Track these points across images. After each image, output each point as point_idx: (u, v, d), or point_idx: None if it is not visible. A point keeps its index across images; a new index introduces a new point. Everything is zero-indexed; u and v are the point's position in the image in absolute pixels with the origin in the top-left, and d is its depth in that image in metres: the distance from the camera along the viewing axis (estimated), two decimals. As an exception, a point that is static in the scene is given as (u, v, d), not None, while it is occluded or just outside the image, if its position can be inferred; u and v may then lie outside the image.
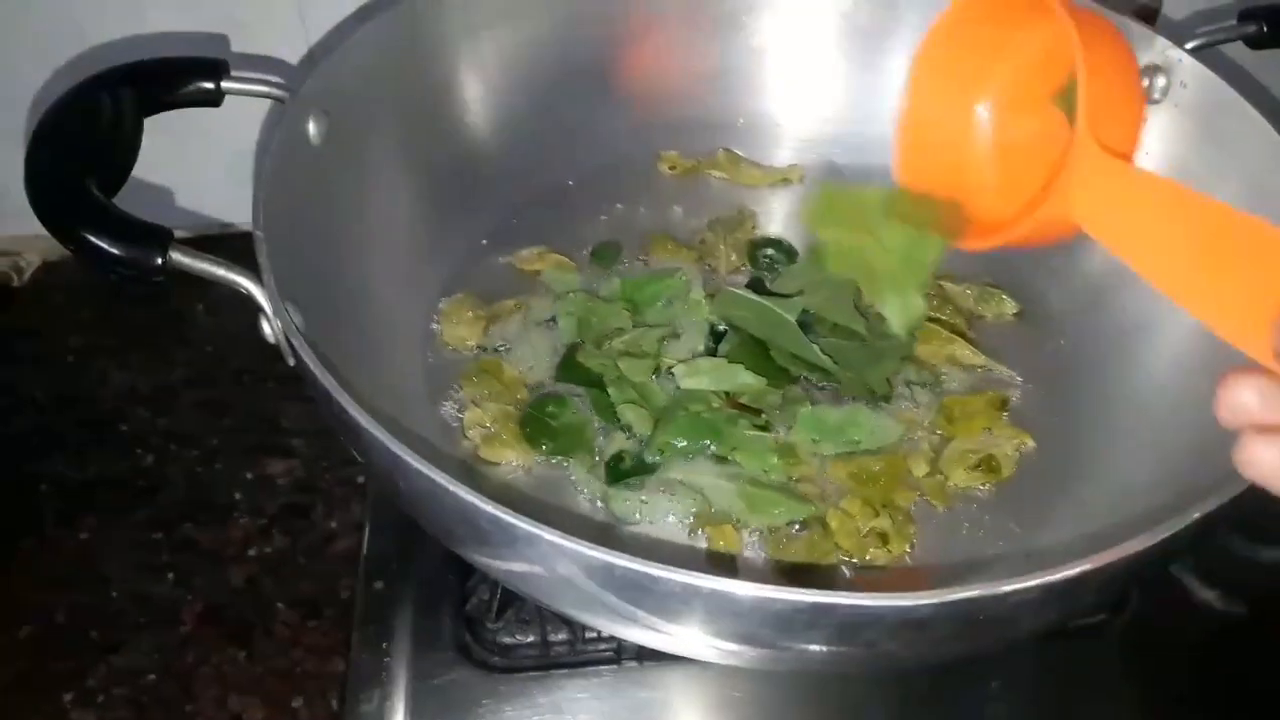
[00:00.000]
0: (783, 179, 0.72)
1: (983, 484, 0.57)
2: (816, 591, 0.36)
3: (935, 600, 0.36)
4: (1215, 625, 0.59)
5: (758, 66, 0.72)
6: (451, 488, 0.40)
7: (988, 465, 0.57)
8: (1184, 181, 0.57)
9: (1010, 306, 0.65)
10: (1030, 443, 0.59)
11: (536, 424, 0.59)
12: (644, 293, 0.65)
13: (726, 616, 0.40)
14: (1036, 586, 0.36)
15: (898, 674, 0.55)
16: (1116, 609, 0.58)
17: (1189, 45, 0.60)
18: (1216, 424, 0.34)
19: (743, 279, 0.67)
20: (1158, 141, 0.60)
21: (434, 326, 0.64)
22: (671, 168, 0.73)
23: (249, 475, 0.68)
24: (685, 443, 0.57)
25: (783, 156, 0.73)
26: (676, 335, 0.63)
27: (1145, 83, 0.60)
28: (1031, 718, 0.56)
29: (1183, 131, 0.60)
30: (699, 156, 0.73)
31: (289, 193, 0.52)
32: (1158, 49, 0.60)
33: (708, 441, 0.57)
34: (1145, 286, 0.59)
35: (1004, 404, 0.60)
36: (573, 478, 0.58)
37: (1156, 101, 0.60)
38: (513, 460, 0.58)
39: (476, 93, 0.67)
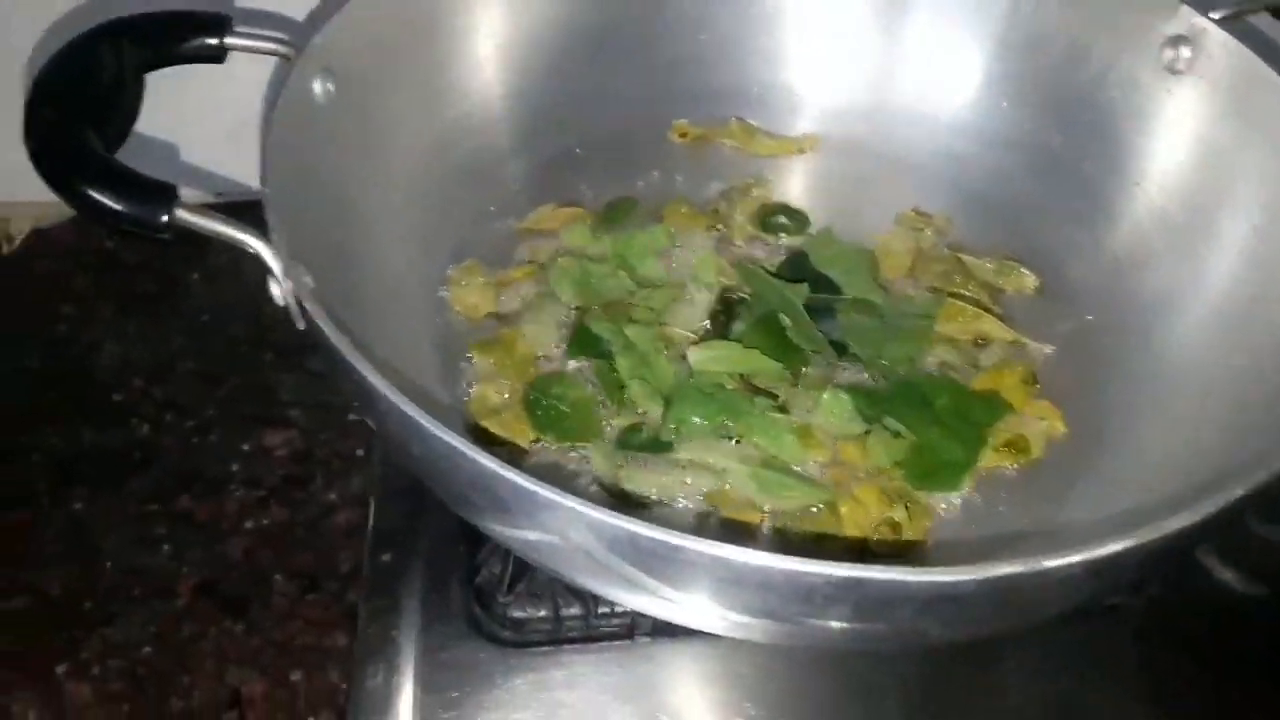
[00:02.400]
0: (797, 149, 0.71)
1: (1010, 464, 0.56)
2: (855, 565, 0.35)
3: (976, 576, 0.34)
4: (1235, 606, 0.58)
5: (774, 32, 0.70)
6: (471, 454, 0.38)
7: (1017, 445, 0.56)
8: (1209, 156, 0.58)
9: (1030, 280, 0.64)
10: (1061, 427, 0.57)
11: (543, 408, 0.57)
12: (633, 248, 0.63)
13: (751, 590, 0.39)
14: (1080, 563, 0.35)
15: (914, 653, 0.55)
16: (1135, 589, 0.57)
17: (1214, 15, 0.58)
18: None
19: (757, 249, 0.66)
20: (1182, 116, 0.60)
21: (443, 294, 0.62)
22: (683, 135, 0.71)
23: (246, 446, 0.66)
24: (700, 420, 0.56)
25: (800, 126, 0.72)
26: (682, 299, 0.61)
27: (1169, 54, 0.59)
28: (1047, 699, 0.55)
29: (1208, 105, 0.59)
30: (712, 125, 0.71)
31: (295, 152, 0.50)
32: (1182, 18, 0.59)
33: (724, 420, 0.56)
34: (1169, 262, 0.60)
35: (1034, 379, 0.59)
36: (586, 458, 0.56)
37: (1180, 73, 0.59)
38: (518, 441, 0.56)
39: (488, 53, 0.65)
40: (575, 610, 0.55)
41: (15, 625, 0.58)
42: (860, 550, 0.52)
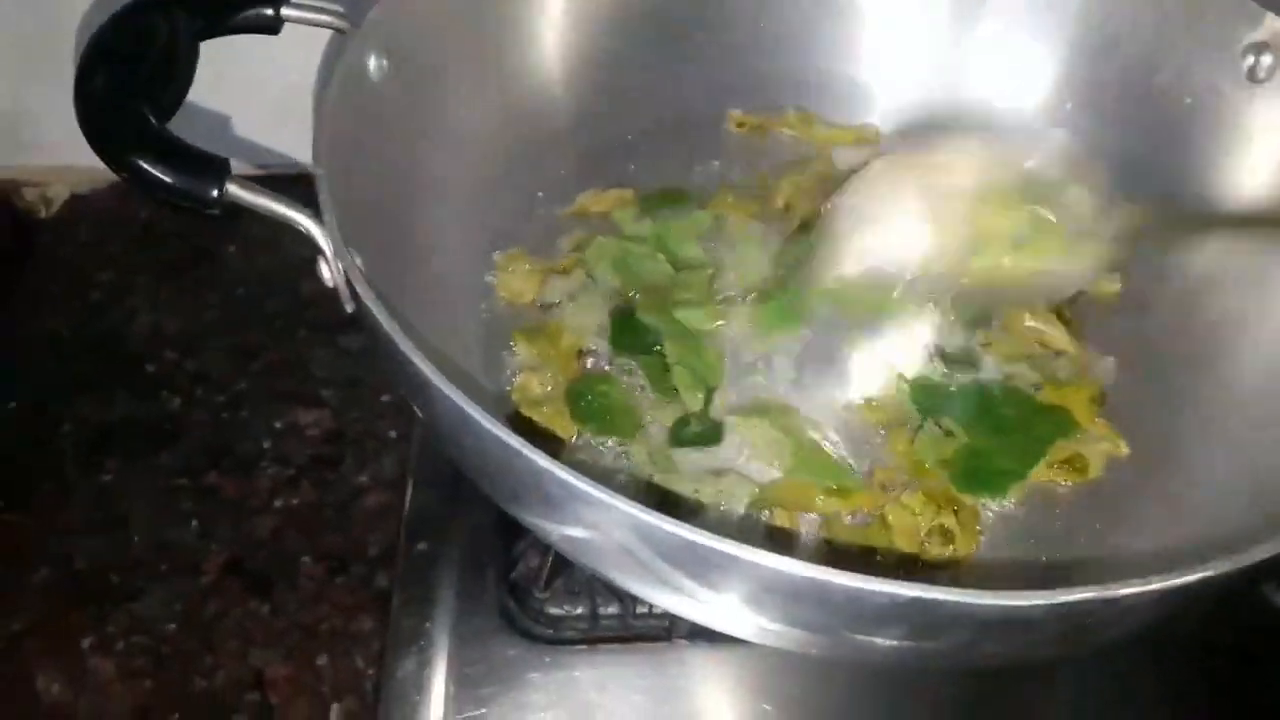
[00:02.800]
0: (857, 138, 0.69)
1: (1065, 480, 0.54)
2: (922, 585, 0.33)
3: (1047, 601, 0.33)
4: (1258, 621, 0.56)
5: (840, 22, 0.68)
6: (524, 450, 0.37)
7: (1075, 464, 0.54)
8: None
9: (1111, 284, 0.61)
10: (1124, 448, 0.55)
11: (586, 401, 0.56)
12: (672, 232, 0.62)
13: (804, 603, 0.38)
14: (1155, 591, 0.34)
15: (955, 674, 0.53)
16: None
17: (1301, 23, 0.57)
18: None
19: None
20: (1262, 126, 0.58)
21: (488, 279, 0.61)
22: (740, 124, 0.69)
23: (277, 424, 0.66)
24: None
25: (860, 120, 0.70)
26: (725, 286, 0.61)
27: (1249, 60, 0.57)
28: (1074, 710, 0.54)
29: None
30: (769, 115, 0.69)
31: (348, 130, 0.49)
32: (1266, 24, 0.56)
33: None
34: (1242, 282, 0.58)
35: (1103, 399, 0.57)
36: (626, 454, 0.55)
37: (1261, 81, 0.57)
38: (559, 434, 0.55)
39: (545, 36, 0.64)
40: (613, 609, 0.54)
41: (42, 597, 0.58)
42: (910, 562, 0.51)
